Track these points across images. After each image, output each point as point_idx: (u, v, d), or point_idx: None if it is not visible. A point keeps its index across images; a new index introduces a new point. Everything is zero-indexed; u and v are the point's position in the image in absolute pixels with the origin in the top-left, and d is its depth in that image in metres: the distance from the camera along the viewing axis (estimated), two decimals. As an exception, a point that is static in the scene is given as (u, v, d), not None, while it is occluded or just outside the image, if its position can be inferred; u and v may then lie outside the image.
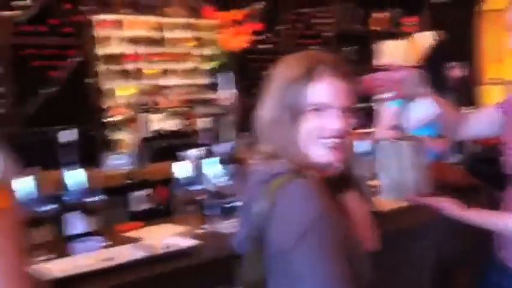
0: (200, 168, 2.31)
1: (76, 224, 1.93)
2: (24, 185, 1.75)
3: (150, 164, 2.68)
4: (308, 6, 5.22)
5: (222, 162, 2.35)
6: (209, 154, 2.49)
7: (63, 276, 1.56)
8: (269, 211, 1.21)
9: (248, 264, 1.29)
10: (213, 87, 4.70)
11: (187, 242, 1.91)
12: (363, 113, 2.13)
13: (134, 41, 4.27)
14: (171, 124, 4.39)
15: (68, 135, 2.00)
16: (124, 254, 1.79)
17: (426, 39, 4.63)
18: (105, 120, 3.87)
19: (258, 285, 1.30)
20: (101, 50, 4.08)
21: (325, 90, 1.23)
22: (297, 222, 1.18)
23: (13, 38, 3.59)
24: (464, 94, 4.67)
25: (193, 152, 4.14)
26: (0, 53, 3.54)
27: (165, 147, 4.07)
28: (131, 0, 4.24)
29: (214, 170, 2.29)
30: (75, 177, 1.94)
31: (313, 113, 1.23)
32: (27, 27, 3.65)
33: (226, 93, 4.51)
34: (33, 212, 1.75)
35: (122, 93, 4.18)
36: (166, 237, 1.96)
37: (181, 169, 2.29)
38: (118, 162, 3.69)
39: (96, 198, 1.98)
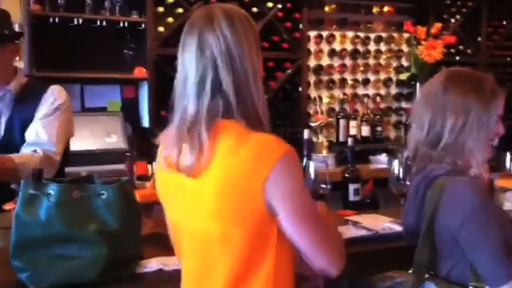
0: (408, 168, 2.63)
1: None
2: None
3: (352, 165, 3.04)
4: (509, 18, 5.27)
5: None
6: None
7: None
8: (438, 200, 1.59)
9: (421, 247, 1.66)
10: (405, 96, 5.00)
11: (399, 227, 2.28)
12: None
13: (341, 54, 4.77)
14: (365, 130, 4.75)
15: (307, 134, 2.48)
16: (349, 231, 2.22)
17: None
18: (311, 124, 4.37)
19: (428, 265, 1.66)
20: (312, 62, 4.64)
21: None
22: (461, 208, 1.54)
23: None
24: None
25: (384, 157, 4.46)
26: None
27: (359, 151, 4.41)
28: (341, 18, 4.77)
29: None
30: (310, 168, 2.41)
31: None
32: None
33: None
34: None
35: (326, 100, 4.72)
36: (381, 223, 2.35)
37: (390, 168, 2.62)
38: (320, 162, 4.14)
39: (324, 186, 2.42)
